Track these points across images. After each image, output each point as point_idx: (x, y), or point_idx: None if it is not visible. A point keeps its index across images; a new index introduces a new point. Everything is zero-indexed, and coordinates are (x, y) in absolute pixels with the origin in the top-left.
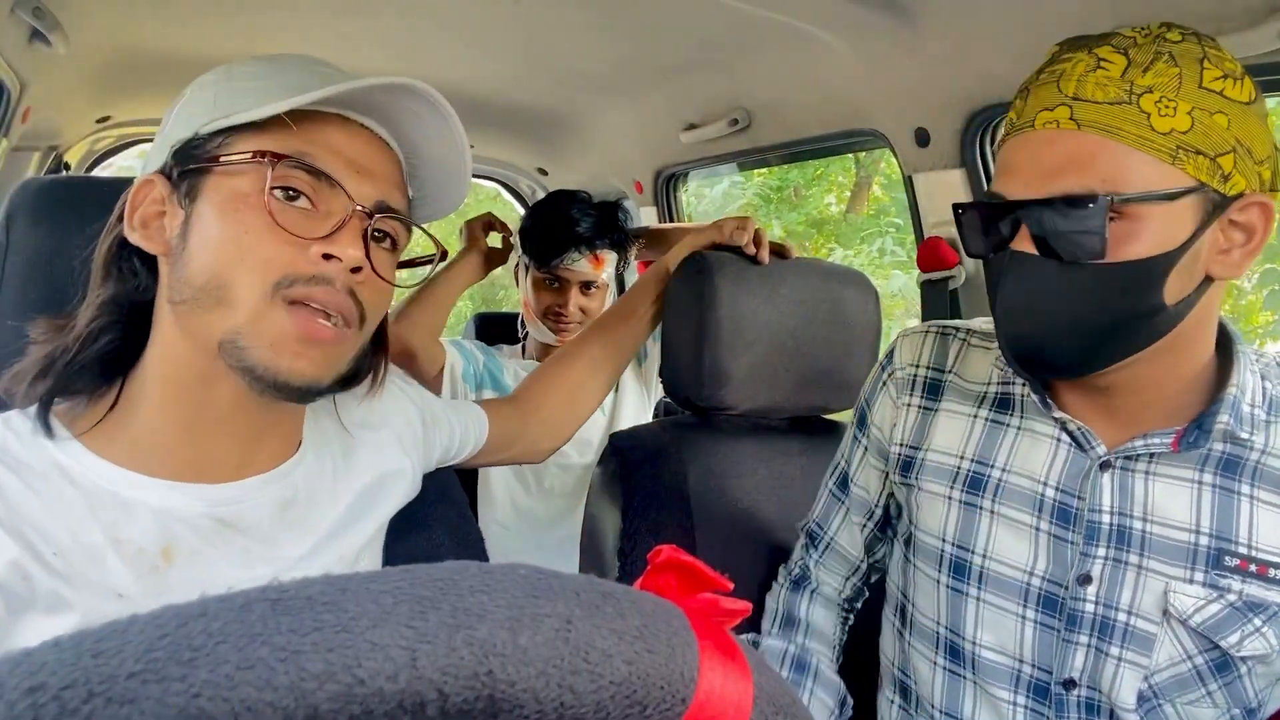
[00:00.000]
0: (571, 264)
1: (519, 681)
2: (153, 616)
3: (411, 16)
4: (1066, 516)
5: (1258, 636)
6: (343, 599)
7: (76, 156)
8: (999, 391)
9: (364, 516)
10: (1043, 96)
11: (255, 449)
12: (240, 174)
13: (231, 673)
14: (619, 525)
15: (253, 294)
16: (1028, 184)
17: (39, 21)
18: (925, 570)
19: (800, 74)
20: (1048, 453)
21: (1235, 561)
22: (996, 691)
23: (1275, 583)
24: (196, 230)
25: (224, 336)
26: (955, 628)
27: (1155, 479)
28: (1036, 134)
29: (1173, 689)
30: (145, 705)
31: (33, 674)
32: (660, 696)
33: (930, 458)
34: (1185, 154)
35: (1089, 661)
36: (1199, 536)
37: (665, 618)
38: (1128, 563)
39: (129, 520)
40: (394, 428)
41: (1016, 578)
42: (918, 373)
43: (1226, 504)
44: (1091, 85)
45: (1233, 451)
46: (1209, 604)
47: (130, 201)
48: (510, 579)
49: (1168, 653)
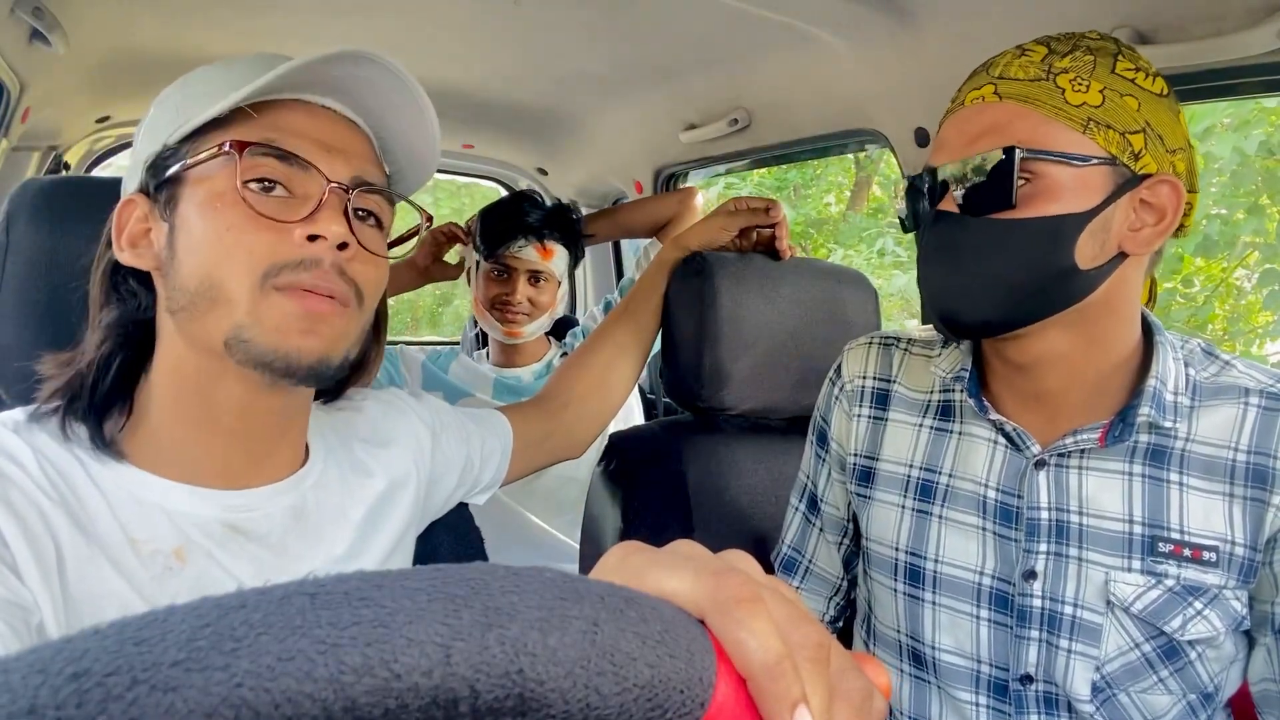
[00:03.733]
0: (518, 250)
1: (548, 681)
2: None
3: (411, 17)
4: (1008, 515)
5: (1200, 620)
6: (379, 595)
7: (76, 156)
8: (940, 400)
9: (379, 530)
10: (973, 81)
11: (265, 456)
12: (213, 173)
13: (273, 664)
14: (619, 525)
15: (243, 287)
16: (953, 152)
17: (39, 21)
18: (881, 580)
19: (800, 74)
20: (986, 455)
21: (1169, 547)
22: (959, 694)
23: (1211, 565)
24: (181, 237)
25: (227, 335)
26: (915, 634)
27: (1088, 473)
28: (965, 110)
29: (1125, 678)
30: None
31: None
32: (680, 700)
33: (883, 467)
34: (1096, 126)
35: (1042, 656)
36: (1132, 525)
37: (684, 624)
38: (1068, 556)
39: (144, 521)
40: (401, 442)
41: (968, 579)
42: (865, 383)
43: (1157, 492)
44: (1015, 68)
45: (1158, 441)
46: (1148, 590)
47: (116, 225)
48: (538, 581)
49: (1115, 642)
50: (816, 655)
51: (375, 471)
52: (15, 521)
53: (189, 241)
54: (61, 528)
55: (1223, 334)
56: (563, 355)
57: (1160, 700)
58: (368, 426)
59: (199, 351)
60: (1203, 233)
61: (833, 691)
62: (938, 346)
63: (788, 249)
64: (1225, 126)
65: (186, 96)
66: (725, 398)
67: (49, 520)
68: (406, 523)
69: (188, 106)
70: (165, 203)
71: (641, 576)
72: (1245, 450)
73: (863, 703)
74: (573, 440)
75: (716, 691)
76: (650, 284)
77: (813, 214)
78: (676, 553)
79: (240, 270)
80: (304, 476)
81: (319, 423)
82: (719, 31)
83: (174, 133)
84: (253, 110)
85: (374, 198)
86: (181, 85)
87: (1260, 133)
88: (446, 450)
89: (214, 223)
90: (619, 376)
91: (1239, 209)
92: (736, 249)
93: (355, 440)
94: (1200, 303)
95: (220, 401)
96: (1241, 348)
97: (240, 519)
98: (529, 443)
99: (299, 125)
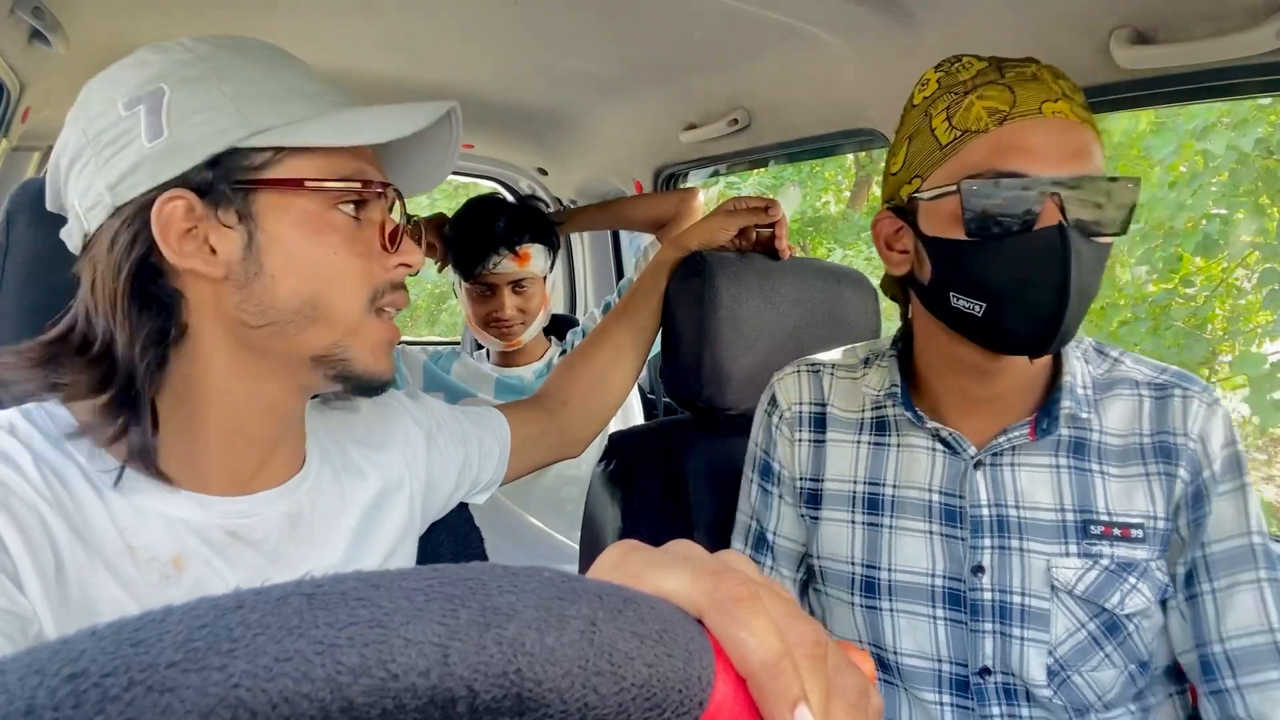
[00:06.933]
0: (495, 267)
1: (545, 681)
2: (189, 608)
3: (412, 16)
4: (952, 516)
5: (1135, 593)
6: (376, 595)
7: None
8: (874, 416)
9: (375, 534)
10: (1036, 90)
11: (268, 461)
12: (303, 193)
13: (270, 664)
14: (618, 525)
15: (353, 309)
16: (1056, 165)
17: (39, 21)
18: (837, 595)
19: (800, 74)
20: (927, 462)
21: (1100, 529)
22: (923, 694)
23: (1139, 541)
24: (274, 253)
25: (324, 351)
26: (877, 642)
27: (1020, 470)
28: (1050, 120)
29: (1076, 658)
30: (185, 694)
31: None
32: (678, 700)
33: (829, 487)
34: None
35: (997, 647)
36: (1065, 513)
37: (682, 623)
38: (1011, 548)
39: (142, 528)
40: (395, 445)
41: (922, 582)
42: (802, 409)
43: (1083, 481)
44: (1069, 87)
45: (1078, 434)
46: (1087, 572)
47: (158, 222)
48: (536, 580)
49: (1063, 624)
50: (814, 653)
51: (369, 474)
52: (16, 530)
53: (287, 260)
54: (61, 535)
55: (1223, 334)
56: (562, 354)
57: (1108, 675)
58: (362, 428)
59: (257, 356)
60: (1203, 232)
61: (830, 689)
62: (860, 368)
63: (787, 248)
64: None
65: (238, 93)
66: (725, 397)
67: (49, 528)
68: (403, 527)
69: (251, 108)
70: (238, 209)
71: (639, 576)
72: (1150, 434)
73: (859, 699)
74: (572, 439)
75: (715, 691)
76: (649, 283)
77: (809, 213)
78: (674, 552)
79: (351, 293)
80: (300, 481)
81: (314, 424)
82: (719, 31)
83: (249, 137)
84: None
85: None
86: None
87: (1260, 131)
88: (443, 451)
89: (319, 246)
90: (618, 375)
91: (1239, 209)
92: (736, 249)
93: (350, 442)
94: (1200, 302)
95: (244, 404)
96: (1241, 347)
97: (238, 525)
98: (527, 441)
99: (368, 153)
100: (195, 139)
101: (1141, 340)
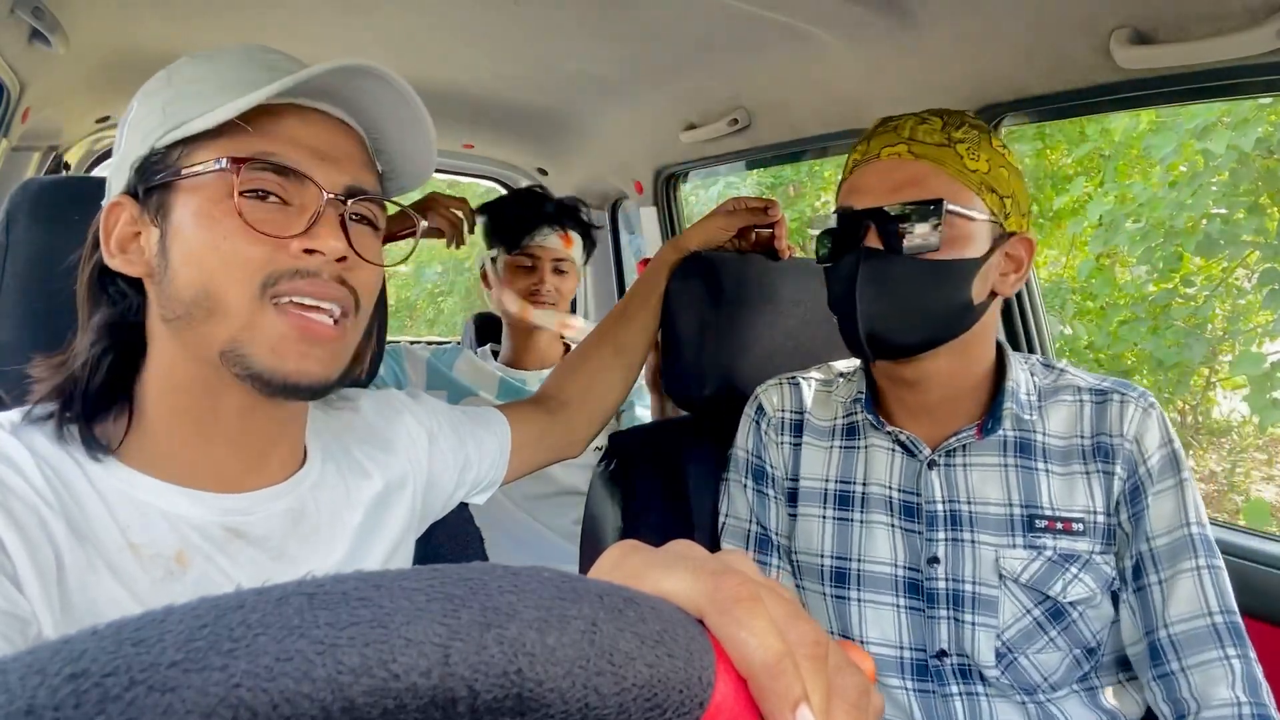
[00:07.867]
0: (543, 239)
1: (546, 681)
2: (189, 608)
3: (412, 16)
4: (910, 511)
5: (1077, 582)
6: (377, 595)
7: (76, 156)
8: (845, 423)
9: (377, 533)
10: (884, 139)
11: (264, 459)
12: (207, 182)
13: (271, 664)
14: (619, 525)
15: (242, 299)
16: (877, 197)
17: (39, 21)
18: (811, 588)
19: (800, 74)
20: (887, 462)
21: (1044, 523)
22: (889, 681)
23: (1080, 534)
24: (175, 246)
25: (224, 346)
26: (845, 632)
27: (971, 469)
28: (882, 162)
29: (1022, 642)
30: (186, 694)
31: (74, 660)
32: (679, 700)
33: (804, 485)
34: (985, 190)
35: (952, 632)
36: (1012, 508)
37: (683, 623)
38: (963, 540)
39: (144, 524)
40: (398, 444)
41: (886, 572)
42: (785, 416)
43: (1028, 478)
44: (922, 132)
45: (1022, 435)
46: (1032, 562)
47: (104, 227)
48: (537, 580)
49: (1010, 610)
50: (815, 653)
51: (373, 473)
52: (16, 531)
53: (184, 251)
54: (61, 535)
55: (1222, 334)
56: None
57: (1052, 658)
58: (365, 427)
59: (195, 360)
60: (1203, 232)
61: (831, 689)
62: (835, 382)
63: (786, 248)
64: (1225, 125)
65: (174, 95)
66: (725, 397)
67: (49, 528)
68: (405, 525)
69: (176, 107)
70: (156, 208)
71: (640, 576)
72: (1089, 436)
73: (859, 699)
74: (571, 438)
75: (715, 691)
76: (649, 284)
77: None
78: (674, 552)
79: (238, 281)
80: (302, 478)
81: (316, 423)
82: (719, 31)
83: (163, 136)
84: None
85: (368, 204)
86: (167, 81)
87: (1260, 131)
88: (444, 451)
89: (210, 233)
90: (618, 375)
91: (1239, 208)
92: (735, 249)
93: (353, 441)
94: (1200, 302)
95: (217, 407)
96: (1241, 347)
97: (240, 522)
98: (527, 440)
99: (294, 134)
100: (134, 147)
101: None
